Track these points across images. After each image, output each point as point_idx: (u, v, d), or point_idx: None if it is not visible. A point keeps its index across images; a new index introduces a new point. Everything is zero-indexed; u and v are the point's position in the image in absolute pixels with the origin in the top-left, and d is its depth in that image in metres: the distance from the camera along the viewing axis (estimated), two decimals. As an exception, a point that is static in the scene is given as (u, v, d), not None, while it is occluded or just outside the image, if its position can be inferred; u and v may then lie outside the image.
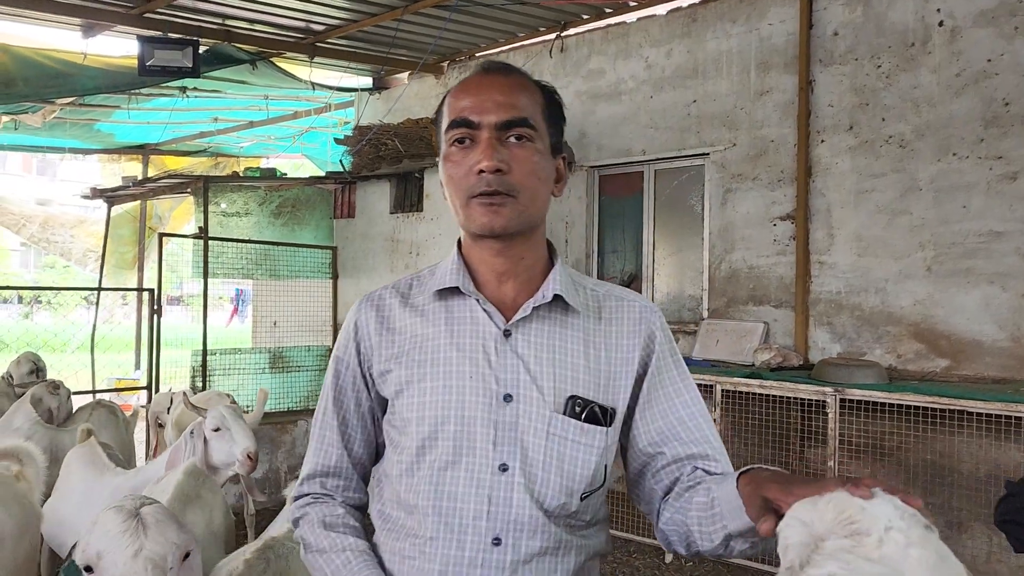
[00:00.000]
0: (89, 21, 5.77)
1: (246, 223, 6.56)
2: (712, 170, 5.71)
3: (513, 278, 1.37)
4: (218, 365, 6.17)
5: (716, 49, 5.69)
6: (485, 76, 1.36)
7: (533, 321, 1.35)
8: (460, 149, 1.32)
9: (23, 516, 2.57)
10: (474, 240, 1.37)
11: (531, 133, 1.32)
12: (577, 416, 1.31)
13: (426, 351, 1.35)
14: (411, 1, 5.71)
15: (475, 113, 1.31)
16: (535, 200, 1.33)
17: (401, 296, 1.43)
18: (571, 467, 1.31)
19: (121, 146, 10.29)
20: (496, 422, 1.30)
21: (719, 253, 5.64)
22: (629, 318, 1.41)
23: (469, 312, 1.37)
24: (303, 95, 8.08)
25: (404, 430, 1.35)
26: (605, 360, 1.37)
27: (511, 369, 1.32)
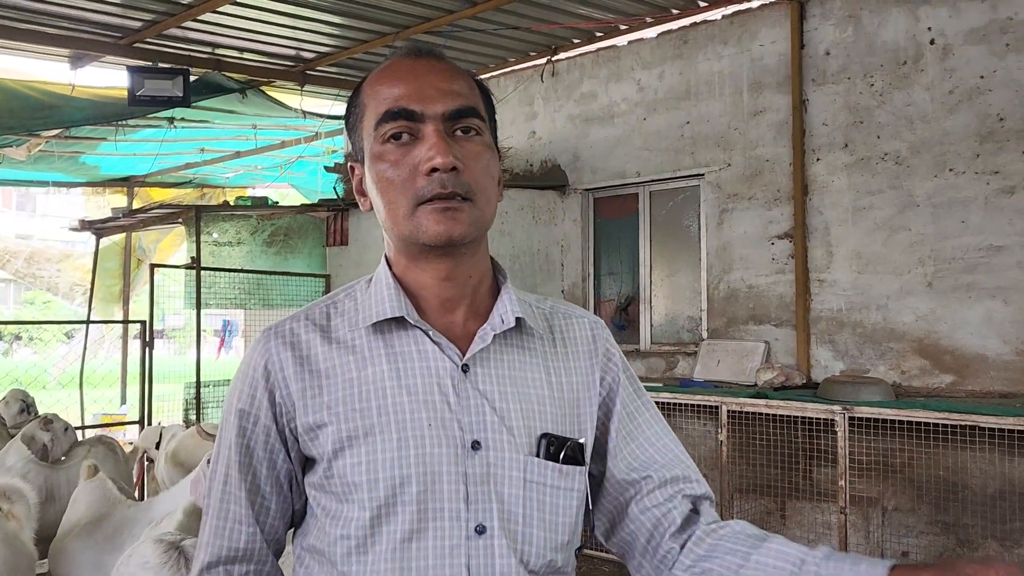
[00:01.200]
0: (78, 52, 5.72)
1: (238, 252, 6.48)
2: (708, 190, 5.71)
3: (460, 303, 1.15)
4: (211, 397, 6.05)
5: (708, 70, 5.72)
6: (417, 60, 1.13)
7: (492, 352, 1.13)
8: (398, 146, 1.09)
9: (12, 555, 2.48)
10: (415, 258, 1.13)
11: (480, 125, 1.12)
12: (553, 457, 1.12)
13: (368, 398, 1.09)
14: (401, 28, 5.71)
15: (416, 102, 1.08)
16: (490, 203, 1.13)
17: (319, 328, 1.14)
18: (553, 517, 1.12)
19: (106, 178, 10.18)
20: (466, 475, 1.07)
21: (717, 273, 5.63)
22: (582, 337, 1.23)
23: (415, 346, 1.12)
24: (291, 123, 8.03)
25: (348, 498, 1.08)
26: (567, 387, 1.18)
27: (476, 411, 1.10)
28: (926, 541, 4.58)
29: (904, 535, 4.67)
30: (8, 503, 2.67)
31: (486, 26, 5.73)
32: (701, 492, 1.23)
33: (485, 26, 5.73)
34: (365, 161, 1.14)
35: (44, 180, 10.03)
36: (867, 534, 4.76)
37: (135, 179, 10.39)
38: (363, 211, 1.20)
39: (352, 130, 1.17)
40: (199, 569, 1.14)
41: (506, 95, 6.78)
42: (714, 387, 5.15)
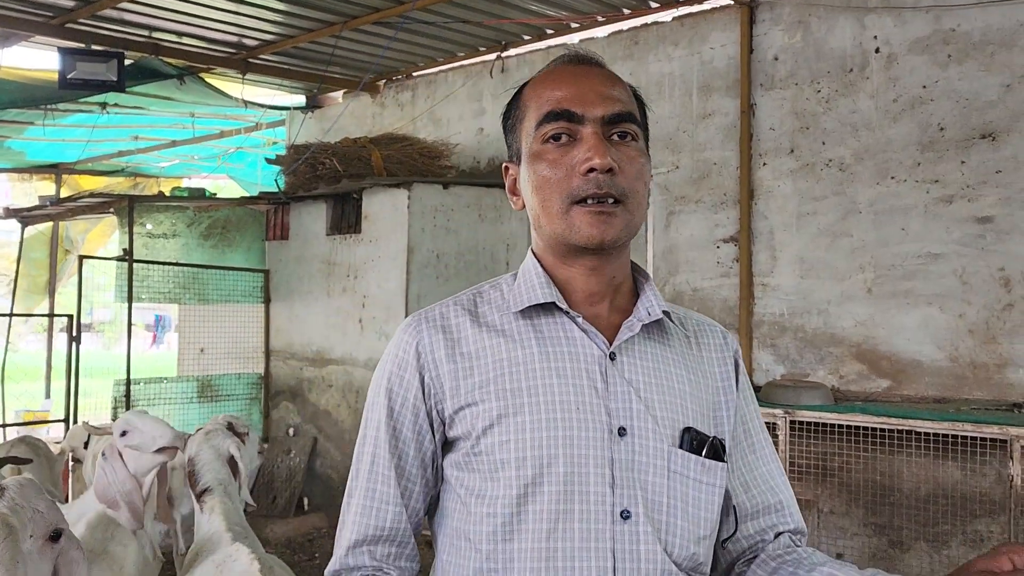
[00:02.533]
0: (5, 30, 5.43)
1: (173, 245, 6.25)
2: (655, 192, 5.70)
3: (604, 298, 1.19)
4: (142, 395, 5.82)
5: (658, 72, 5.72)
6: (580, 66, 1.18)
7: (636, 343, 1.16)
8: (557, 147, 1.13)
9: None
10: (564, 257, 1.17)
11: (636, 131, 1.16)
12: (696, 451, 1.13)
13: (519, 378, 1.12)
14: (349, 17, 5.57)
15: (577, 105, 1.12)
16: (640, 208, 1.16)
17: (469, 313, 1.19)
18: (696, 510, 1.12)
19: (33, 164, 9.77)
20: (611, 460, 1.09)
21: (663, 275, 5.63)
22: (715, 343, 1.26)
23: (563, 332, 1.15)
24: (231, 113, 7.81)
25: (494, 475, 1.10)
26: (706, 388, 1.20)
27: (623, 398, 1.12)
28: (859, 543, 4.66)
29: (838, 537, 4.74)
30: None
31: (436, 19, 5.63)
32: (793, 527, 1.25)
33: (435, 19, 5.63)
34: (522, 161, 1.18)
35: (-33, 164, 9.59)
36: (806, 536, 4.82)
37: (64, 166, 9.99)
38: (515, 210, 1.27)
39: (510, 131, 1.22)
40: (345, 548, 1.16)
41: (454, 90, 6.69)
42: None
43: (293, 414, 6.33)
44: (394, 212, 5.66)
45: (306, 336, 6.39)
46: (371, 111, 7.30)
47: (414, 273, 5.60)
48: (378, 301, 5.83)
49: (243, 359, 6.53)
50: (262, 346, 6.58)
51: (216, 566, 2.22)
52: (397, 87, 7.17)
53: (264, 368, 6.61)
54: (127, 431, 2.83)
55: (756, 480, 1.25)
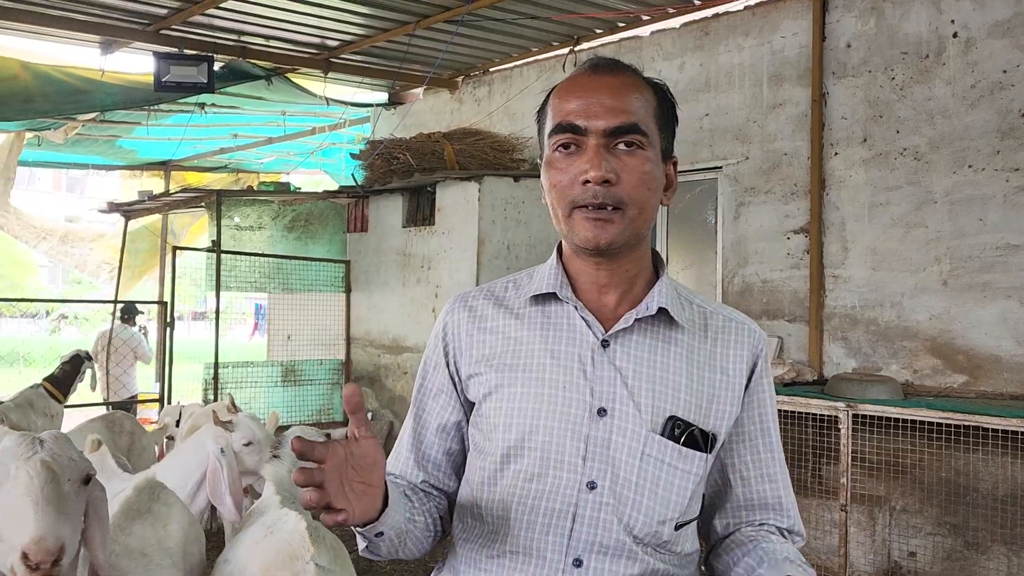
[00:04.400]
0: (107, 38, 5.86)
1: (259, 237, 6.60)
2: (725, 183, 5.66)
3: (615, 289, 1.28)
4: (230, 378, 6.19)
5: (729, 62, 5.67)
6: (593, 76, 1.25)
7: (634, 333, 1.26)
8: (565, 155, 1.22)
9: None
10: (574, 251, 1.30)
11: (642, 140, 1.22)
12: (676, 439, 1.22)
13: (519, 355, 1.27)
14: (422, 16, 5.74)
15: (582, 117, 1.21)
16: (643, 212, 1.23)
17: (495, 298, 1.35)
18: (666, 492, 1.22)
19: (143, 162, 10.42)
20: (587, 436, 1.21)
21: (732, 267, 5.59)
22: (737, 340, 1.31)
23: (567, 319, 1.28)
24: (320, 111, 8.14)
25: (489, 435, 1.27)
26: (708, 381, 1.27)
27: (608, 382, 1.23)
28: (933, 542, 4.52)
29: (911, 536, 4.62)
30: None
31: (506, 15, 5.74)
32: (786, 525, 1.34)
33: (505, 15, 5.74)
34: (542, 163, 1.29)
35: (84, 163, 10.31)
36: (872, 533, 4.72)
37: (171, 163, 10.61)
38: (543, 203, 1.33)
39: (539, 133, 1.33)
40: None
41: (528, 84, 6.79)
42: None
43: (371, 399, 6.59)
44: (465, 205, 5.82)
45: (383, 324, 6.64)
46: (449, 107, 7.49)
47: (484, 264, 5.75)
48: (450, 291, 6.01)
49: (325, 346, 6.84)
50: (343, 334, 6.86)
51: (266, 528, 2.39)
52: (474, 83, 7.32)
53: (345, 355, 6.90)
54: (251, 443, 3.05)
55: (756, 475, 1.33)
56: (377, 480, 1.09)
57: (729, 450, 1.33)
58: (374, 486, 1.09)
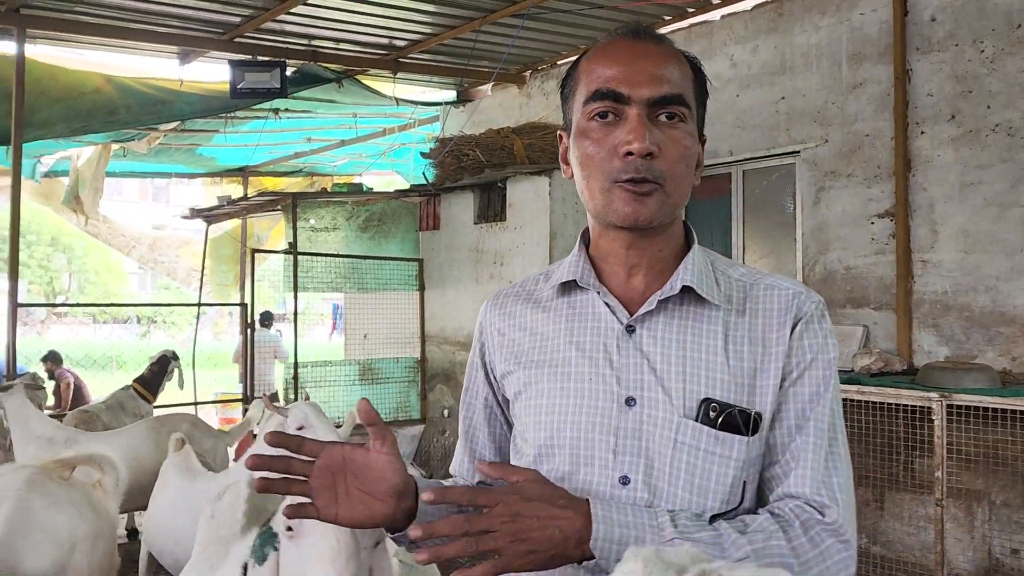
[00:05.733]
0: (185, 49, 6.04)
1: (334, 238, 6.71)
2: (804, 168, 5.48)
3: (644, 270, 1.21)
4: (309, 377, 6.31)
5: (805, 43, 5.48)
6: (635, 42, 1.16)
7: (661, 315, 1.18)
8: (602, 125, 1.14)
9: (96, 522, 2.67)
10: (605, 229, 1.22)
11: (684, 112, 1.15)
12: (712, 423, 1.12)
13: (545, 350, 1.23)
14: (488, 11, 5.73)
15: (625, 85, 1.12)
16: (681, 190, 1.17)
17: (525, 293, 1.32)
18: (703, 481, 1.12)
19: (223, 169, 10.72)
20: (617, 428, 1.14)
21: (813, 254, 5.41)
22: (779, 307, 1.18)
23: (591, 307, 1.22)
24: (390, 111, 8.22)
25: (524, 436, 1.24)
26: (748, 356, 1.16)
27: (634, 369, 1.16)
28: (1038, 539, 4.28)
29: (1014, 532, 4.38)
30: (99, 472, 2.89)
31: (573, 6, 5.68)
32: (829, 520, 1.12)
33: (572, 6, 5.68)
34: (571, 133, 1.20)
35: (167, 172, 10.68)
36: (971, 529, 4.50)
37: (249, 169, 10.89)
38: (564, 178, 1.27)
39: (565, 101, 1.24)
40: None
41: (597, 76, 6.70)
42: (807, 372, 4.95)
43: (447, 396, 6.63)
44: (536, 199, 5.79)
45: (457, 321, 6.66)
46: (518, 102, 7.46)
47: (557, 258, 5.69)
48: (523, 287, 5.97)
49: (401, 344, 6.90)
50: (418, 331, 6.92)
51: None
52: (542, 76, 7.28)
53: (420, 352, 6.95)
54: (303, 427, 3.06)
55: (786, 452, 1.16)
56: (382, 493, 1.06)
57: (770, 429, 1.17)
58: (376, 498, 1.07)
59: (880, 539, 4.83)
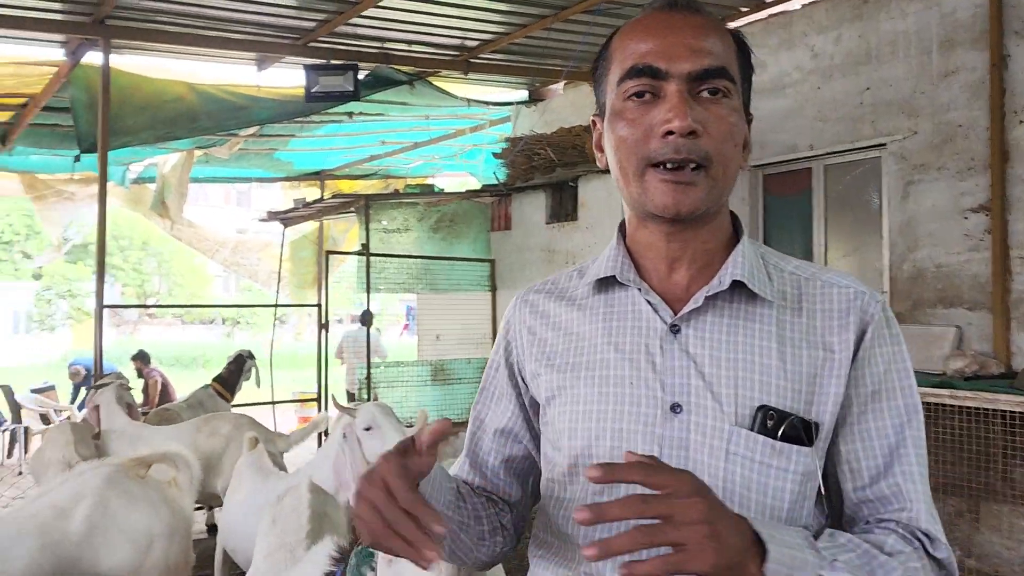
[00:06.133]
0: (262, 54, 6.16)
1: (407, 239, 6.75)
2: (890, 162, 5.23)
3: (687, 264, 1.10)
4: (382, 377, 6.35)
5: (891, 30, 5.23)
6: (672, 14, 1.07)
7: (708, 314, 1.07)
8: (638, 104, 1.03)
9: (172, 519, 2.71)
10: (643, 220, 1.11)
11: (729, 87, 1.04)
12: (770, 432, 1.01)
13: (581, 352, 1.12)
14: (559, 8, 5.66)
15: (662, 59, 1.02)
16: (727, 172, 1.05)
17: (558, 291, 1.21)
18: (760, 496, 1.02)
19: (300, 173, 10.95)
20: (661, 437, 1.04)
21: (901, 252, 5.15)
22: (839, 307, 1.08)
23: (631, 305, 1.11)
24: (463, 112, 8.24)
25: (556, 443, 1.13)
26: (807, 360, 1.05)
27: (680, 373, 1.05)
28: None
29: (1126, 549, 4.08)
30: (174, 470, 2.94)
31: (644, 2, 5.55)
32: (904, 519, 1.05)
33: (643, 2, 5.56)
34: (605, 117, 1.11)
35: (247, 176, 10.96)
36: (1078, 545, 4.20)
37: (326, 172, 11.09)
38: (600, 167, 1.17)
39: (597, 83, 1.15)
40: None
41: (671, 71, 6.56)
42: (895, 376, 4.72)
43: (519, 398, 6.57)
44: (608, 198, 5.69)
45: (529, 322, 6.59)
46: (590, 100, 7.34)
47: (629, 258, 5.60)
48: (596, 287, 5.87)
49: (473, 344, 6.90)
50: (490, 332, 6.90)
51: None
52: (614, 73, 7.17)
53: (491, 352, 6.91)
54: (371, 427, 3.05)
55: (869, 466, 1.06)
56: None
57: (835, 438, 1.07)
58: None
59: (975, 552, 4.56)
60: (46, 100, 6.35)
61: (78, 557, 2.68)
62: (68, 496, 2.77)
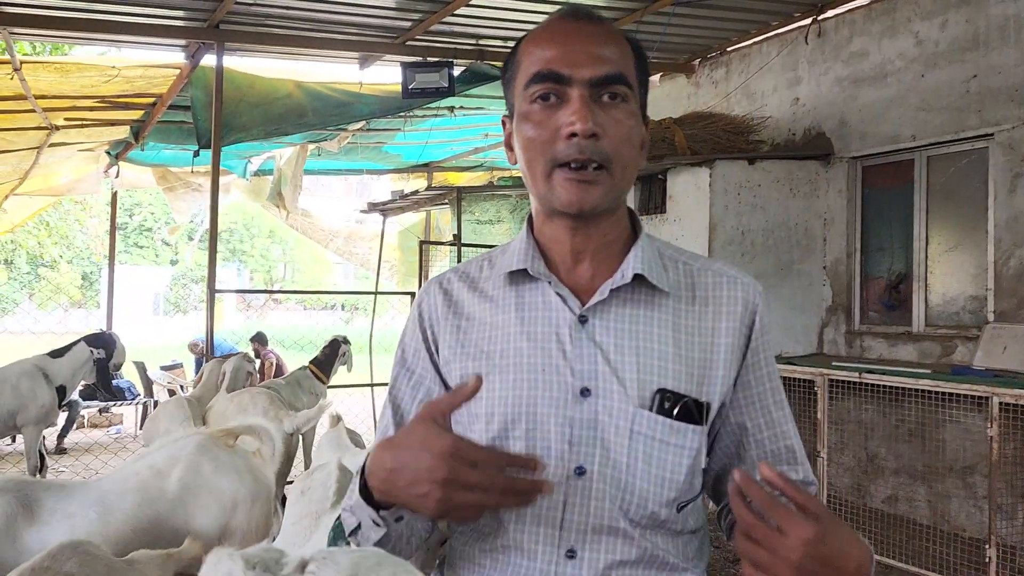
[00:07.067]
0: (363, 54, 6.44)
1: (498, 230, 6.91)
2: (998, 153, 4.98)
3: (590, 257, 1.19)
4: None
5: (1002, 14, 4.97)
6: (574, 22, 1.15)
7: (613, 305, 1.17)
8: (543, 107, 1.12)
9: (255, 486, 2.95)
10: (549, 215, 1.20)
11: (627, 92, 1.13)
12: (667, 412, 1.13)
13: (495, 341, 1.20)
14: (650, 2, 5.66)
15: (565, 65, 1.10)
16: (627, 172, 1.15)
17: (470, 280, 1.28)
18: (660, 471, 1.14)
19: (408, 165, 11.31)
20: (572, 419, 1.13)
21: (1007, 247, 4.91)
22: (730, 296, 1.21)
23: (541, 297, 1.20)
24: (561, 105, 8.31)
25: (471, 428, 1.20)
26: (699, 346, 1.17)
27: (588, 359, 1.14)
28: None
29: None
30: (259, 442, 3.20)
31: (738, -9, 5.48)
32: (801, 476, 1.23)
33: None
34: (514, 118, 1.19)
35: (358, 168, 11.42)
36: None
37: (433, 165, 11.41)
38: (510, 164, 1.26)
39: (507, 85, 1.22)
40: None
41: (768, 61, 6.44)
42: (994, 376, 4.52)
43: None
44: (696, 191, 5.66)
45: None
46: (686, 91, 7.31)
47: (717, 251, 5.55)
48: (684, 280, 5.86)
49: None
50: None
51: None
52: (711, 65, 7.08)
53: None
54: None
55: (770, 435, 1.23)
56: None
57: (740, 413, 1.23)
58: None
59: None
60: (171, 99, 6.86)
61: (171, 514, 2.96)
62: (165, 459, 3.06)
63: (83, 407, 8.84)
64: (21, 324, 25.06)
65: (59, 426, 8.18)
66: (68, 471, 7.43)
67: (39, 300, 28.74)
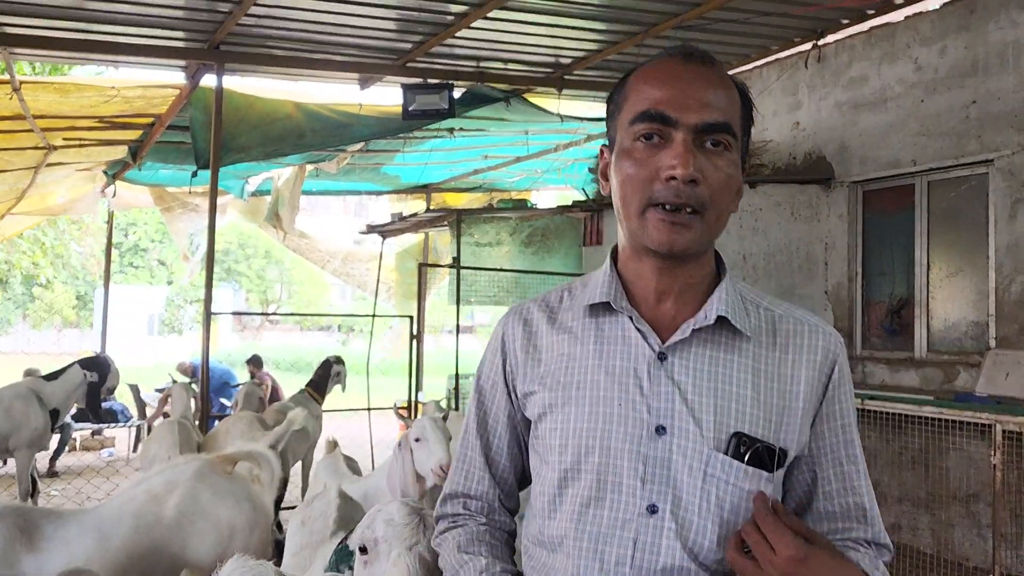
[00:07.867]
0: (363, 75, 6.44)
1: (498, 252, 6.88)
2: (998, 178, 4.99)
3: (674, 296, 1.20)
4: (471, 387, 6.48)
5: (1000, 41, 4.99)
6: (687, 65, 1.16)
7: (693, 344, 1.17)
8: (647, 146, 1.13)
9: (253, 513, 2.90)
10: (636, 251, 1.21)
11: (730, 141, 1.14)
12: (740, 457, 1.13)
13: (572, 373, 1.21)
14: (651, 25, 5.68)
15: (673, 108, 1.12)
16: (720, 218, 1.16)
17: (550, 311, 1.30)
18: (731, 516, 1.13)
19: (407, 186, 11.29)
20: (646, 456, 1.14)
21: (1008, 273, 4.90)
22: (810, 345, 1.20)
23: (621, 331, 1.21)
24: (563, 128, 8.32)
25: (546, 458, 1.22)
26: (778, 392, 1.17)
27: (665, 397, 1.15)
28: None
29: None
30: (257, 468, 3.15)
31: (739, 15, 5.49)
32: (870, 536, 1.22)
33: (738, 15, 5.50)
34: (614, 151, 1.20)
35: (357, 189, 11.40)
36: None
37: (432, 186, 11.40)
38: (603, 193, 1.27)
39: (610, 117, 1.24)
40: (443, 496, 1.40)
41: (768, 86, 6.45)
42: (996, 403, 4.49)
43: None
44: (697, 214, 5.65)
45: (617, 337, 6.58)
46: (686, 115, 7.31)
47: (718, 275, 5.53)
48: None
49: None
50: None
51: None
52: (711, 88, 7.09)
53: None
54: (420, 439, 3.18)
55: (839, 488, 1.21)
56: None
57: (812, 462, 1.22)
58: None
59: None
60: (170, 119, 6.85)
61: (168, 540, 2.91)
62: (162, 485, 3.01)
63: (75, 429, 8.75)
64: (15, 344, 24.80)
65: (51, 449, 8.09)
66: (60, 495, 7.34)
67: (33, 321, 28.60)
